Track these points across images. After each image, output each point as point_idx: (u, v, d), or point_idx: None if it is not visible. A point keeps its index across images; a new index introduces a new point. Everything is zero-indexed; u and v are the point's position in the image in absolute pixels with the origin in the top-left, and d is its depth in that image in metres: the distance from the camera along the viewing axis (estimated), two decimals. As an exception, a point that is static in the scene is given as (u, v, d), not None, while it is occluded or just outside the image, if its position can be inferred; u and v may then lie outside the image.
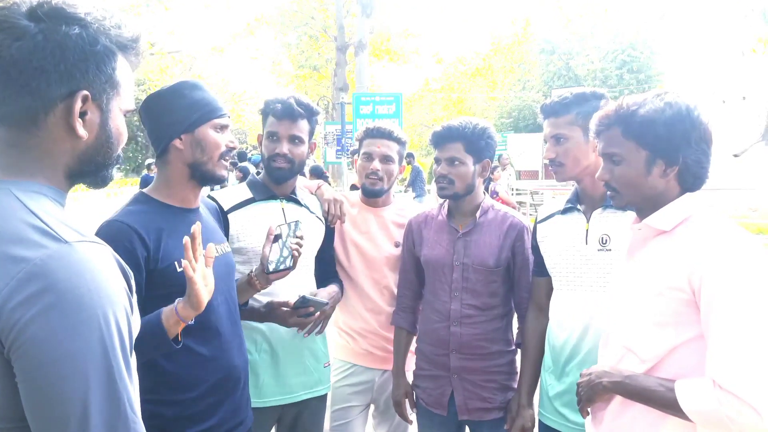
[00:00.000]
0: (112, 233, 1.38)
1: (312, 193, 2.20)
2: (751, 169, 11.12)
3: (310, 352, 2.00)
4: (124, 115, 0.95)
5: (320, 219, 2.11)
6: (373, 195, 2.24)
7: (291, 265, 1.72)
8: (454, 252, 2.02)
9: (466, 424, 2.12)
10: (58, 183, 0.89)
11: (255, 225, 1.93)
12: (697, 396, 1.18)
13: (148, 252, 1.43)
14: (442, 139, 2.03)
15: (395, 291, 2.25)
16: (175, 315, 1.34)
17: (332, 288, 2.08)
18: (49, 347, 0.75)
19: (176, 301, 1.36)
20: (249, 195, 1.99)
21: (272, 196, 1.99)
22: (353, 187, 2.03)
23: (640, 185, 1.34)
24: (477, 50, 30.79)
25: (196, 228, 1.32)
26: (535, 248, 1.93)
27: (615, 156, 1.36)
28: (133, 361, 0.87)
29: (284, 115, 1.93)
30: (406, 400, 2.16)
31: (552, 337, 1.85)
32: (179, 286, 1.41)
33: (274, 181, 1.99)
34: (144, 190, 1.59)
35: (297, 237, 1.72)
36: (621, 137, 1.34)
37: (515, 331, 2.10)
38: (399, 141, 2.23)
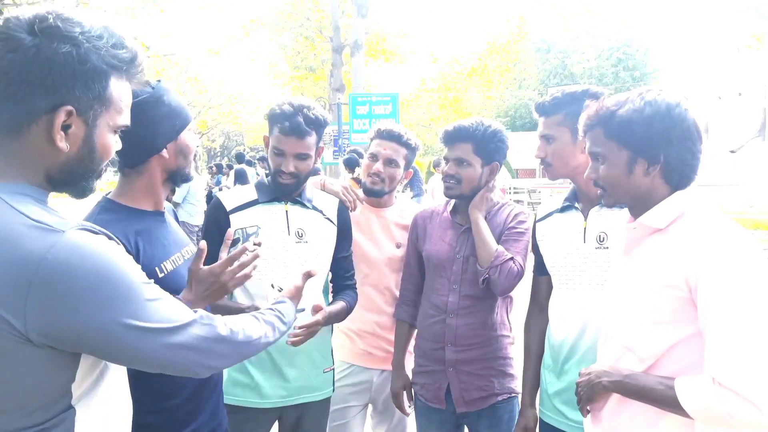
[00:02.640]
0: None
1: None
2: (747, 164, 11.14)
3: (307, 357, 1.97)
4: (117, 130, 0.98)
5: (331, 221, 2.06)
6: (372, 195, 2.24)
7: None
8: (456, 246, 2.04)
9: (464, 423, 2.12)
10: (40, 184, 0.93)
11: (250, 226, 1.91)
12: (696, 393, 1.18)
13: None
14: (452, 138, 2.04)
15: (395, 292, 2.25)
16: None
17: (332, 308, 1.94)
18: (87, 328, 0.85)
19: (180, 297, 1.38)
20: (254, 196, 1.96)
21: (276, 199, 1.96)
22: None
23: (624, 184, 1.35)
24: (473, 50, 30.82)
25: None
26: (535, 247, 1.94)
27: (599, 155, 1.37)
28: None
29: (292, 132, 1.87)
30: (404, 393, 2.18)
31: (551, 336, 1.85)
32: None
33: (281, 194, 1.96)
34: (109, 196, 1.50)
35: (255, 245, 1.60)
36: (603, 137, 1.35)
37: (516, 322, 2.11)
38: (407, 146, 2.21)
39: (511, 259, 1.93)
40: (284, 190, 1.93)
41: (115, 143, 0.99)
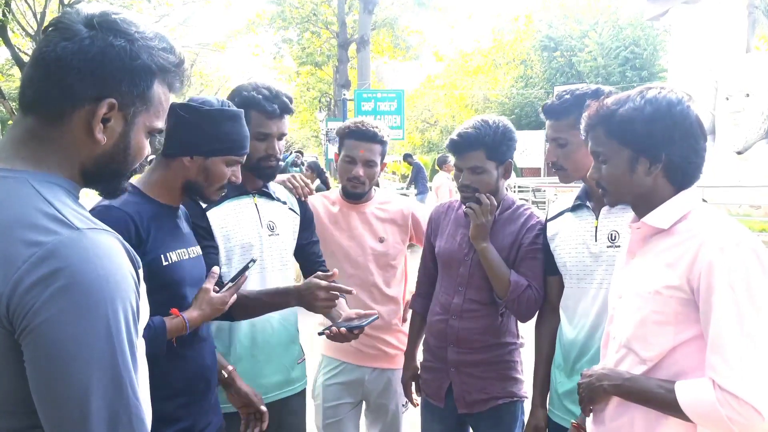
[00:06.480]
0: (111, 219, 1.36)
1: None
2: (754, 166, 11.07)
3: (283, 350, 1.96)
4: (150, 133, 0.98)
5: (294, 211, 2.05)
6: (354, 198, 2.22)
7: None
8: (466, 247, 2.01)
9: (467, 422, 2.11)
10: (73, 177, 0.92)
11: (232, 223, 1.87)
12: (697, 397, 1.18)
13: (140, 242, 1.43)
14: (461, 147, 1.94)
15: (384, 289, 2.23)
16: (184, 328, 1.45)
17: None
18: (56, 329, 0.77)
19: (185, 317, 1.46)
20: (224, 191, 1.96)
21: (244, 192, 1.91)
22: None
23: (626, 184, 1.34)
24: (479, 47, 30.69)
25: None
26: (546, 246, 1.92)
27: (600, 155, 1.37)
28: (141, 347, 0.90)
29: (280, 113, 1.86)
30: (413, 384, 2.18)
31: (562, 335, 1.85)
32: (163, 279, 1.45)
33: (266, 180, 1.94)
34: (132, 182, 1.58)
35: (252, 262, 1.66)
36: (604, 137, 1.34)
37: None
38: (382, 142, 2.17)
39: (529, 286, 1.90)
40: (270, 175, 1.91)
41: (147, 146, 1.00)
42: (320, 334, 1.78)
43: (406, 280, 2.40)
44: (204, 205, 1.85)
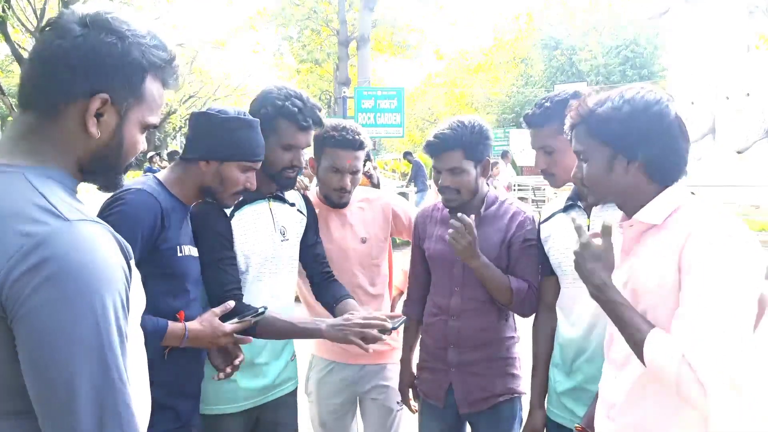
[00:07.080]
0: (142, 200, 1.49)
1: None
2: (754, 165, 11.07)
3: (279, 350, 1.96)
4: (144, 128, 1.02)
5: (302, 213, 2.05)
6: (340, 207, 2.18)
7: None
8: None
9: (466, 419, 2.12)
10: (71, 171, 0.96)
11: (251, 231, 1.86)
12: (662, 353, 1.19)
13: (163, 228, 1.51)
14: (438, 148, 1.93)
15: (369, 288, 2.22)
16: (182, 338, 1.50)
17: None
18: (44, 316, 0.80)
19: (186, 327, 1.51)
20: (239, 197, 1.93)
21: (260, 197, 1.90)
22: None
23: (605, 182, 1.36)
24: (480, 45, 30.68)
25: None
26: (540, 248, 1.92)
27: (582, 154, 1.39)
28: (136, 334, 0.92)
29: (311, 126, 1.84)
30: (410, 390, 2.18)
31: (560, 334, 1.85)
32: (173, 269, 1.55)
33: (285, 188, 1.95)
34: (157, 176, 1.66)
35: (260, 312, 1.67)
36: (584, 135, 1.37)
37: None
38: (365, 147, 2.12)
39: (529, 287, 1.92)
40: (289, 185, 1.93)
41: (142, 141, 1.03)
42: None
43: (391, 275, 2.39)
44: (228, 212, 1.82)
